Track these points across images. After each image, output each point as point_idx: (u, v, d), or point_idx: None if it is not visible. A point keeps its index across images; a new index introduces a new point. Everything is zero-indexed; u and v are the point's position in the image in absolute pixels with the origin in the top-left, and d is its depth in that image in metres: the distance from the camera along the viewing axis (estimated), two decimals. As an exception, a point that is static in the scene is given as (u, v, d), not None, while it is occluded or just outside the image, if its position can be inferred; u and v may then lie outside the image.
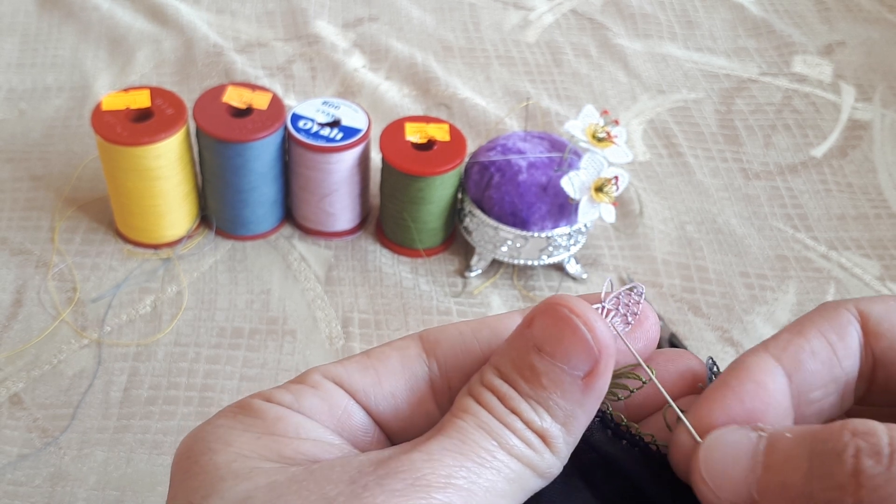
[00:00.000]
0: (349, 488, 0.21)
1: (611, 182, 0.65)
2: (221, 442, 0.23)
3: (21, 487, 0.55)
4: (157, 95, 0.67)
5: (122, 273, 0.69)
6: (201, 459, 0.23)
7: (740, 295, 0.71)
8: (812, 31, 1.01)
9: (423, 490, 0.21)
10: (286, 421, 0.24)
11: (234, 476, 0.22)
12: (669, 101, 0.90)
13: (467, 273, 0.71)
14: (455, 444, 0.23)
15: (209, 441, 0.24)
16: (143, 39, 0.91)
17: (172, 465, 0.24)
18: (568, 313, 0.24)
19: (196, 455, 0.23)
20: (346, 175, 0.68)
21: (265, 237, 0.73)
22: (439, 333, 0.27)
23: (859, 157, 0.85)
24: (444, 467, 0.22)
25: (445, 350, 0.26)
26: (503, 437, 0.23)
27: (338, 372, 0.26)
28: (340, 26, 0.95)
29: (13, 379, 0.61)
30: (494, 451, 0.23)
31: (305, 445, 0.23)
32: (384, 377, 0.26)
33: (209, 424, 0.24)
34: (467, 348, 0.26)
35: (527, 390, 0.24)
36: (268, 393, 0.25)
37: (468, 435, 0.23)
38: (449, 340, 0.26)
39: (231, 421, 0.24)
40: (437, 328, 0.27)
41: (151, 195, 0.67)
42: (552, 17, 1.00)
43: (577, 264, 0.72)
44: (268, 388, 0.25)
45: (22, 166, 0.77)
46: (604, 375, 0.24)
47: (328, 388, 0.25)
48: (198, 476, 0.23)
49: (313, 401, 0.25)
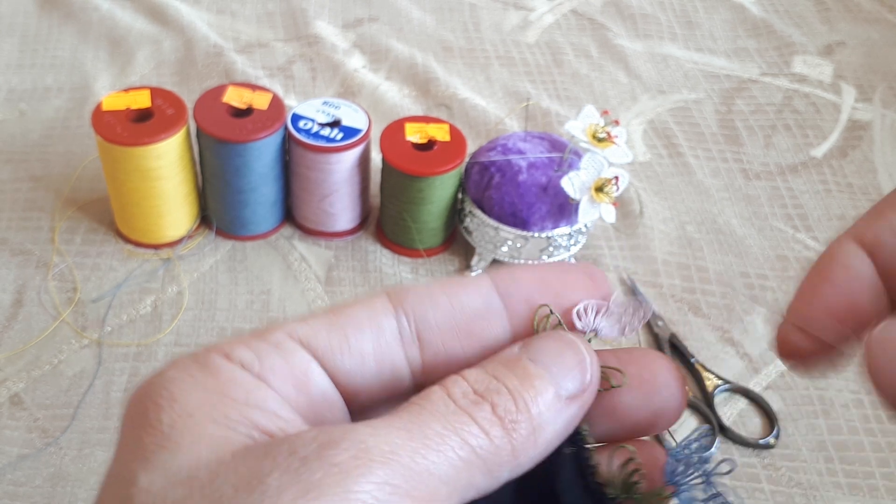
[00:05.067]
0: (286, 461, 0.20)
1: (611, 182, 0.65)
2: (168, 397, 0.23)
3: (21, 488, 0.55)
4: (158, 96, 0.67)
5: (122, 273, 0.69)
6: (149, 414, 0.23)
7: (740, 294, 0.71)
8: (812, 32, 1.01)
9: (364, 464, 0.20)
10: (239, 384, 0.23)
11: (177, 444, 0.22)
12: (670, 101, 0.90)
13: (467, 273, 0.71)
14: (405, 423, 0.22)
15: (156, 394, 0.23)
16: (144, 40, 0.91)
17: (123, 417, 0.24)
18: (573, 338, 0.24)
19: (144, 407, 0.23)
20: (346, 175, 0.68)
21: (265, 237, 0.73)
22: (407, 289, 0.26)
23: (859, 158, 0.85)
24: (389, 443, 0.21)
25: (413, 301, 0.26)
26: (461, 423, 0.22)
27: (304, 332, 0.25)
28: (340, 27, 0.95)
29: (13, 379, 0.61)
30: (446, 434, 0.22)
31: (255, 414, 0.23)
32: (351, 335, 0.25)
33: (160, 375, 0.24)
34: (436, 301, 0.26)
35: (513, 385, 0.23)
36: (228, 348, 0.24)
37: (421, 416, 0.22)
38: (417, 293, 0.26)
39: (182, 374, 0.23)
40: (402, 286, 0.26)
41: (152, 195, 0.67)
42: (552, 17, 1.00)
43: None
44: (230, 341, 0.24)
45: (22, 167, 0.77)
46: (584, 405, 0.24)
47: (291, 350, 0.25)
48: (142, 436, 0.22)
49: (275, 361, 0.24)
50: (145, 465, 0.21)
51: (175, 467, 0.21)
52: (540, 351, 0.24)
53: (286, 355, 0.24)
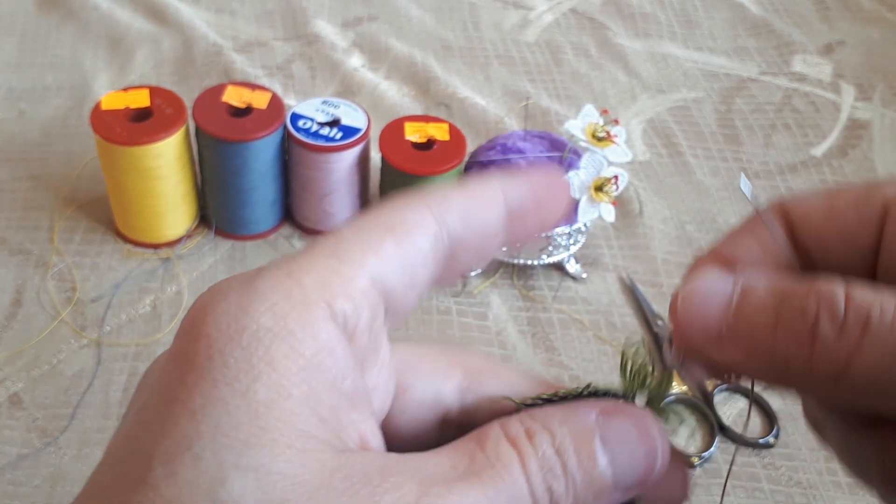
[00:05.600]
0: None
1: (610, 181, 0.65)
2: (268, 360, 0.20)
3: (20, 487, 0.55)
4: (157, 95, 0.67)
5: (121, 273, 0.69)
6: (240, 375, 0.19)
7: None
8: (812, 31, 1.01)
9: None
10: (334, 356, 0.21)
11: (273, 441, 0.19)
12: (669, 100, 0.90)
13: (467, 274, 0.71)
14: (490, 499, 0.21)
15: (251, 349, 0.20)
16: (143, 39, 0.91)
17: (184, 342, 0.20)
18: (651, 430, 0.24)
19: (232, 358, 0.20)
20: (345, 174, 0.68)
21: (265, 237, 0.73)
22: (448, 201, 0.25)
23: (859, 157, 0.85)
24: None
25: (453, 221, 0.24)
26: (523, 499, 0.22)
27: (383, 275, 0.23)
28: (340, 26, 0.95)
29: (13, 379, 0.61)
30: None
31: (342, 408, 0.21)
32: (418, 272, 0.24)
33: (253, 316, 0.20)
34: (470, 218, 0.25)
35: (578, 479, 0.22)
36: (331, 294, 0.21)
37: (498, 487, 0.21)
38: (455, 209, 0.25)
39: (281, 327, 0.20)
40: (442, 198, 0.25)
41: (151, 195, 0.67)
42: (552, 16, 1.00)
43: (576, 264, 0.71)
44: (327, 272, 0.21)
45: (21, 166, 0.77)
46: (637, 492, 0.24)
47: (373, 298, 0.22)
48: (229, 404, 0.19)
49: (366, 315, 0.22)
50: (237, 464, 0.19)
51: (271, 478, 0.19)
52: (614, 439, 0.23)
53: (372, 306, 0.23)
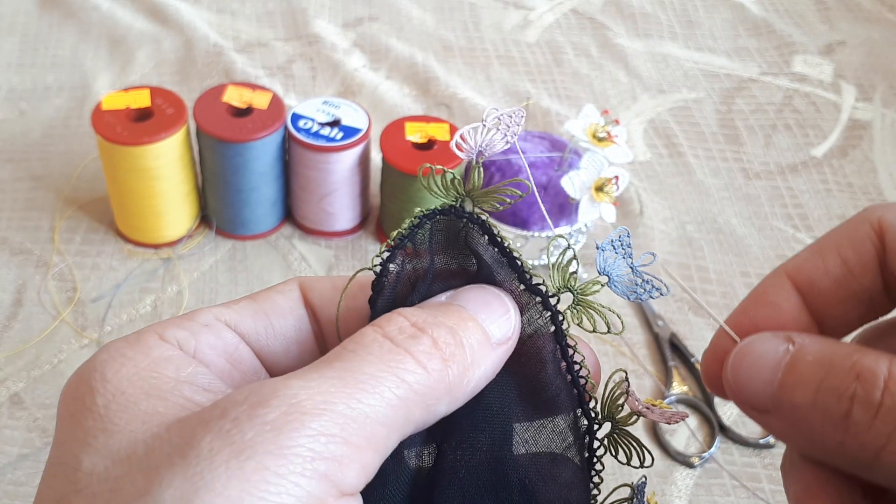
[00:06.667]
0: (218, 424, 0.20)
1: (611, 182, 0.65)
2: (101, 379, 0.23)
3: (21, 487, 0.55)
4: (158, 95, 0.67)
5: (122, 273, 0.69)
6: (84, 399, 0.23)
7: (741, 294, 0.71)
8: (812, 31, 1.01)
9: (296, 418, 0.20)
10: (171, 361, 0.24)
11: (114, 424, 0.22)
12: (670, 100, 0.90)
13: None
14: (338, 371, 0.22)
15: (90, 378, 0.23)
16: (143, 39, 0.91)
17: (59, 403, 0.24)
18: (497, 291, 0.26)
19: (79, 393, 0.23)
20: (346, 175, 0.68)
21: (265, 237, 0.73)
22: (314, 281, 0.28)
23: (860, 157, 0.85)
24: (322, 393, 0.21)
25: (317, 298, 0.27)
26: (396, 361, 0.23)
27: (230, 315, 0.26)
28: (340, 26, 0.95)
29: (13, 379, 0.61)
30: (381, 376, 0.22)
31: (187, 389, 0.23)
32: (274, 320, 0.26)
33: (92, 361, 0.24)
34: (335, 299, 0.27)
35: (451, 322, 0.24)
36: (162, 327, 0.25)
37: (354, 361, 0.22)
38: (323, 288, 0.27)
39: (113, 355, 0.24)
40: (312, 277, 0.28)
41: (152, 195, 0.67)
42: (552, 16, 1.00)
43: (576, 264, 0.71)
44: (162, 322, 0.25)
45: (22, 166, 0.77)
46: (507, 353, 0.26)
47: (221, 329, 0.26)
48: (80, 421, 0.23)
49: (208, 338, 0.25)
50: (87, 449, 0.22)
51: (115, 447, 0.22)
52: (469, 299, 0.26)
53: (217, 333, 0.25)
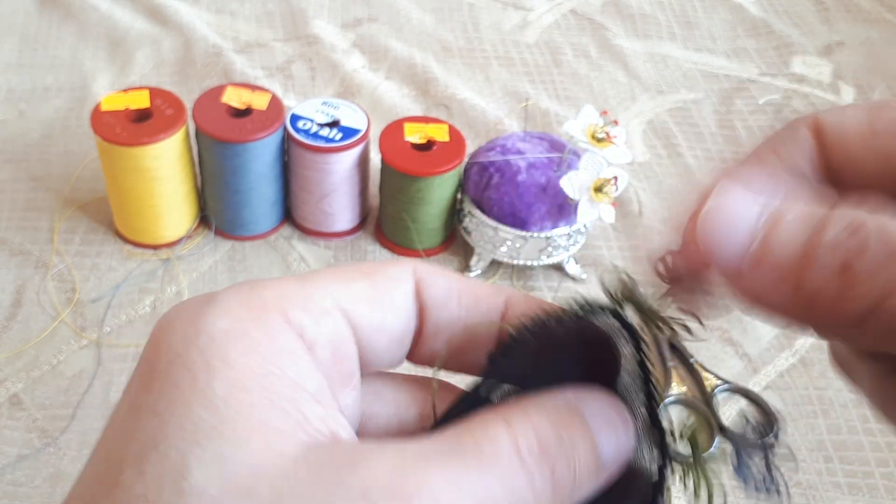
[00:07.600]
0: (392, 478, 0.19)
1: (610, 182, 0.65)
2: (222, 358, 0.20)
3: (21, 488, 0.55)
4: (157, 96, 0.67)
5: (121, 273, 0.69)
6: (198, 374, 0.20)
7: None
8: (811, 32, 1.01)
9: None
10: (294, 358, 0.21)
11: (233, 432, 0.19)
12: (669, 101, 0.90)
13: (467, 273, 0.71)
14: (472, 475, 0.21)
15: (207, 349, 0.20)
16: (143, 40, 0.91)
17: (152, 352, 0.21)
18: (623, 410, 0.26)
19: (190, 360, 0.20)
20: (345, 175, 0.68)
21: (265, 237, 0.73)
22: (433, 276, 0.25)
23: (858, 158, 0.85)
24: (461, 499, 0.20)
25: (431, 298, 0.25)
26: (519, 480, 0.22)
27: (348, 301, 0.23)
28: (340, 26, 0.95)
29: (13, 379, 0.61)
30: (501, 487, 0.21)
31: (303, 401, 0.21)
32: (389, 313, 0.24)
33: (209, 320, 0.21)
34: (449, 307, 0.25)
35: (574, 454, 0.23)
36: (285, 304, 0.22)
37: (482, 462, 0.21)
38: (440, 287, 0.25)
39: (237, 328, 0.21)
40: (431, 269, 0.25)
41: (151, 195, 0.67)
42: (552, 17, 1.00)
43: (576, 264, 0.72)
44: (284, 291, 0.22)
45: (21, 167, 0.77)
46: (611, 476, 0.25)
47: (338, 319, 0.23)
48: (191, 403, 0.19)
49: (327, 328, 0.22)
50: (200, 456, 0.19)
51: (233, 467, 0.19)
52: (595, 413, 0.24)
53: (335, 322, 0.23)
